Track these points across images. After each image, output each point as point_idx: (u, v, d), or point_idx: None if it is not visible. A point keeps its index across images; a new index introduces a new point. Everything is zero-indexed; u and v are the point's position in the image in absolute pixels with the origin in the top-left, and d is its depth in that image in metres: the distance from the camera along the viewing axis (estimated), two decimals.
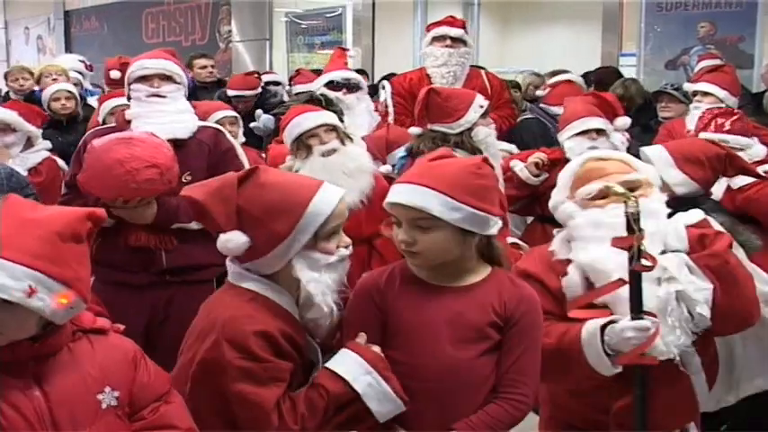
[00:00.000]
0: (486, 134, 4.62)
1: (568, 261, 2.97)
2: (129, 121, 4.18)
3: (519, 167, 5.14)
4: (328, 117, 4.53)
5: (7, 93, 8.81)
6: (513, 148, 5.88)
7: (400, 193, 2.64)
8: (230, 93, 8.55)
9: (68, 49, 17.07)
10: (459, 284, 2.68)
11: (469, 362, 2.60)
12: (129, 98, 4.35)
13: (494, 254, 2.73)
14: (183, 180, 3.94)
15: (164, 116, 4.17)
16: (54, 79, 7.81)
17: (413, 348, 2.63)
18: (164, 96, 4.23)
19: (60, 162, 5.85)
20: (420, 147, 4.59)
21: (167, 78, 4.27)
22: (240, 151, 4.41)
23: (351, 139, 4.54)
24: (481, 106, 4.65)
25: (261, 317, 2.53)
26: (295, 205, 2.57)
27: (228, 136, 4.47)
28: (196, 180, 3.42)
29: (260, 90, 8.68)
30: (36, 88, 8.06)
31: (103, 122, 6.20)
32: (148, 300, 4.12)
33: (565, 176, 3.12)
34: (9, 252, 2.09)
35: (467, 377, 2.61)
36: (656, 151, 3.96)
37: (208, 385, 2.48)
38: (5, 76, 8.98)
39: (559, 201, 3.10)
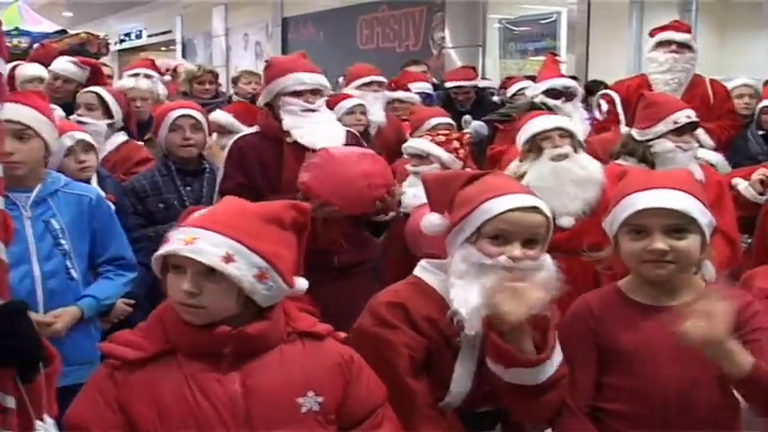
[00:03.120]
0: (666, 150, 4.40)
1: None
2: (285, 132, 4.30)
3: (743, 186, 4.82)
4: (565, 122, 4.54)
5: (230, 96, 9.12)
6: (718, 158, 5.61)
7: (656, 198, 2.57)
8: (448, 84, 8.65)
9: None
10: (677, 302, 2.60)
11: (704, 382, 2.52)
12: (268, 105, 4.48)
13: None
14: None
15: (317, 126, 4.32)
16: None
17: (636, 372, 2.58)
18: (315, 110, 4.37)
19: None
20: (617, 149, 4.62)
21: (318, 92, 4.42)
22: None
23: (582, 148, 4.51)
24: (675, 122, 4.43)
25: (406, 294, 2.70)
26: (476, 200, 2.63)
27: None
28: None
29: (477, 83, 8.70)
30: None
31: None
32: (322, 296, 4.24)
33: None
34: (210, 225, 2.27)
35: (700, 399, 2.53)
36: None
37: (358, 351, 2.57)
38: (234, 81, 9.31)
39: None
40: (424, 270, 2.78)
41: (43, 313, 3.49)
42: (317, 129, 4.29)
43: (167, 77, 9.02)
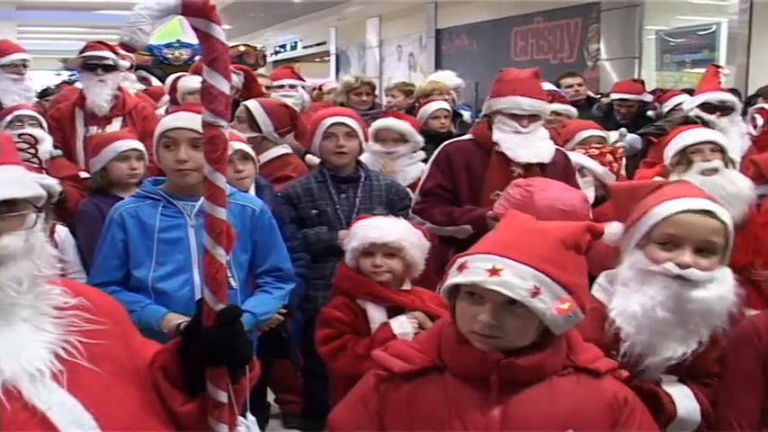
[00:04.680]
0: None
1: None
2: (495, 143, 4.42)
3: None
4: (717, 136, 4.46)
5: (386, 108, 9.23)
6: None
7: None
8: (613, 96, 8.60)
9: (438, 66, 17.62)
10: None
11: None
12: (485, 115, 4.62)
13: None
14: None
15: (527, 140, 4.38)
16: (442, 97, 7.85)
17: None
18: (528, 132, 4.43)
19: None
20: None
21: (536, 117, 4.47)
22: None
23: (734, 164, 4.43)
24: None
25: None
26: (649, 204, 2.56)
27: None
28: None
29: (643, 98, 8.61)
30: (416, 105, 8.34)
31: None
32: None
33: None
34: (516, 254, 2.14)
35: None
36: None
37: None
38: (386, 92, 9.46)
39: None
40: (600, 289, 2.66)
41: None
42: (526, 143, 4.38)
43: (308, 83, 9.23)
